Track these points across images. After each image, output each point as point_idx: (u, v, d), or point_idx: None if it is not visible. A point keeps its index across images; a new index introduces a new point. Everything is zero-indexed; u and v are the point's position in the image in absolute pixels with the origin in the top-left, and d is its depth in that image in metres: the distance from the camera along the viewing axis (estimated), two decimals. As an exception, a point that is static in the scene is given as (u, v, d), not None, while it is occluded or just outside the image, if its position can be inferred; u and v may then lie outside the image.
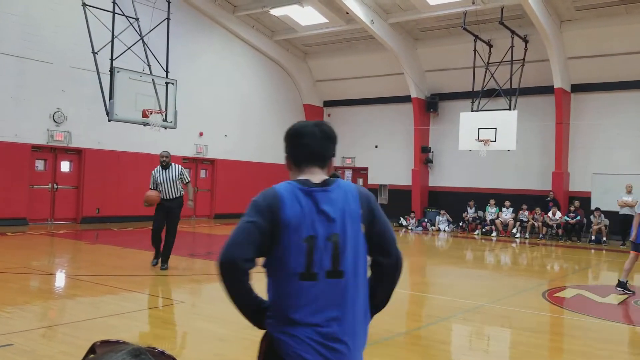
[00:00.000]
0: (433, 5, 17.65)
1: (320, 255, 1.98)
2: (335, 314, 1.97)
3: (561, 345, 6.01)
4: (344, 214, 2.02)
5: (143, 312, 6.57)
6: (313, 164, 2.15)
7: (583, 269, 12.05)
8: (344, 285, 2.00)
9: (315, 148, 2.16)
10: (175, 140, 17.65)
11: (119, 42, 13.48)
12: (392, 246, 2.13)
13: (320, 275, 1.98)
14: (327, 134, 2.21)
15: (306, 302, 1.96)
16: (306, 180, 2.07)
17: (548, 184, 18.47)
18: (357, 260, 2.04)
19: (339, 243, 2.00)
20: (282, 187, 2.06)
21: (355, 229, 2.04)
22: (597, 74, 17.82)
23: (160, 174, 8.90)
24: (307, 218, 1.99)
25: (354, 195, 2.07)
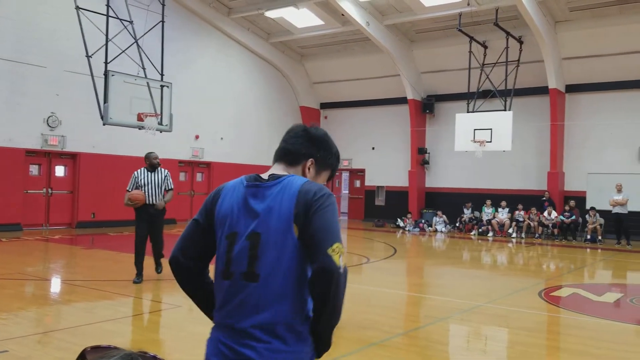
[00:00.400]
0: (428, 6, 17.69)
1: (238, 254, 1.86)
2: (250, 320, 1.80)
3: (558, 344, 6.02)
4: (271, 212, 1.85)
5: (139, 317, 6.55)
6: (280, 160, 2.06)
7: (579, 268, 12.07)
8: (259, 290, 1.81)
9: (287, 145, 2.06)
10: (171, 144, 17.61)
11: (114, 45, 13.44)
12: (319, 252, 1.78)
13: (236, 276, 1.85)
14: (309, 134, 2.07)
15: (224, 302, 1.87)
16: (257, 175, 1.97)
17: (543, 184, 18.51)
18: (281, 265, 1.81)
19: (258, 243, 1.83)
20: (232, 181, 2.02)
21: (283, 230, 1.82)
22: (591, 74, 17.89)
23: (145, 176, 8.25)
24: (235, 214, 1.90)
25: (291, 193, 1.86)
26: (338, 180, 24.80)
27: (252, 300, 1.82)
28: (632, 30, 16.54)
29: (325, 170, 2.09)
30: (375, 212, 22.33)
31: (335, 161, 2.12)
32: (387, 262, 11.83)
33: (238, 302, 1.84)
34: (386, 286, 8.89)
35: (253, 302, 1.81)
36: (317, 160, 2.05)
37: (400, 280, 10.24)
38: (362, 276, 10.34)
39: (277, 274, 1.81)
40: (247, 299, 1.82)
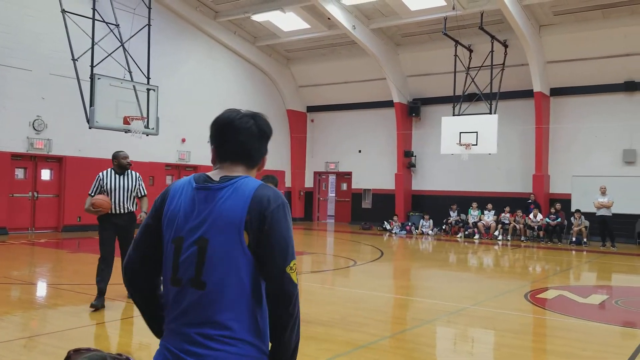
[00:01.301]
0: (414, 10, 17.82)
1: (185, 260, 1.76)
2: (196, 327, 1.72)
3: (544, 346, 6.08)
4: (220, 217, 1.74)
5: (126, 320, 6.51)
6: (240, 162, 1.88)
7: (564, 270, 12.20)
8: (207, 299, 1.72)
9: (248, 146, 1.89)
10: (158, 147, 17.54)
11: (100, 48, 13.37)
12: (277, 271, 1.73)
13: (184, 282, 1.75)
14: (264, 131, 1.93)
15: (172, 309, 1.79)
16: (206, 175, 1.84)
17: (529, 186, 18.70)
18: (229, 273, 1.72)
19: (205, 249, 1.73)
20: (180, 180, 1.91)
21: (231, 237, 1.72)
22: (575, 78, 18.13)
23: (112, 180, 7.04)
24: (181, 216, 1.79)
25: (244, 197, 1.75)
26: (325, 183, 24.83)
27: (198, 307, 1.72)
28: (615, 34, 16.80)
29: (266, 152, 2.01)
30: (362, 215, 22.40)
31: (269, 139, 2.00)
32: (374, 265, 11.87)
33: (185, 308, 1.75)
34: (373, 289, 8.93)
35: (200, 309, 1.72)
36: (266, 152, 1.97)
37: (387, 283, 10.28)
38: (349, 279, 10.38)
39: (225, 282, 1.72)
40: (194, 306, 1.73)
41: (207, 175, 1.85)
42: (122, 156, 7.16)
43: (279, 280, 1.73)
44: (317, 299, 7.50)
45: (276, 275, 1.73)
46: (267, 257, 1.73)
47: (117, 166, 7.15)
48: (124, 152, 7.25)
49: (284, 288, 1.73)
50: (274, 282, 1.74)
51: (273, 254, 1.73)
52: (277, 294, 1.74)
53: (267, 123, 1.96)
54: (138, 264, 1.91)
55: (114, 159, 7.18)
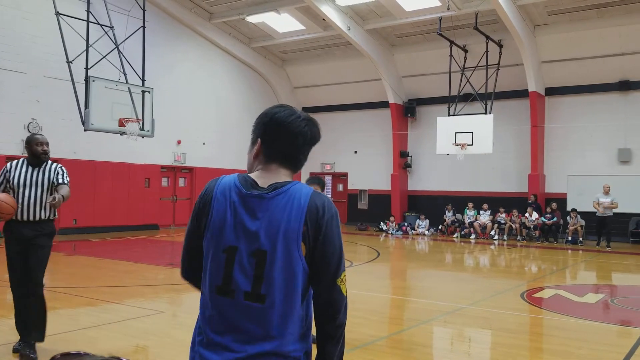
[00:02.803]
0: (409, 11, 17.85)
1: (239, 272, 1.70)
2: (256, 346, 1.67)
3: (540, 345, 6.10)
4: (278, 229, 1.68)
5: (123, 323, 6.48)
6: (286, 166, 1.83)
7: (560, 270, 12.24)
8: (265, 313, 1.67)
9: (300, 151, 1.83)
10: (153, 149, 17.52)
11: (94, 51, 13.34)
12: (328, 282, 1.72)
13: (237, 295, 1.69)
14: (315, 138, 1.86)
15: (218, 320, 1.72)
16: (253, 181, 1.77)
17: (524, 186, 18.74)
18: (288, 286, 1.69)
19: (264, 262, 1.68)
20: (222, 182, 1.80)
21: (289, 249, 1.68)
22: (570, 78, 18.19)
23: (24, 173, 5.12)
24: (232, 225, 1.72)
25: (300, 207, 1.70)
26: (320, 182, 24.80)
27: (255, 322, 1.68)
28: (609, 33, 16.87)
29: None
30: (358, 216, 22.41)
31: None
32: (370, 266, 11.88)
33: (236, 322, 1.69)
34: (370, 289, 8.93)
35: (256, 324, 1.68)
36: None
37: (383, 283, 10.29)
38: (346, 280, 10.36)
39: (284, 296, 1.68)
40: (249, 321, 1.68)
41: (253, 180, 1.78)
42: (36, 141, 5.09)
43: (330, 290, 1.73)
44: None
45: (328, 286, 1.72)
46: (321, 268, 1.72)
47: (31, 155, 5.12)
48: (41, 137, 5.20)
49: (334, 297, 1.73)
50: (325, 292, 1.73)
51: (327, 265, 1.72)
52: (327, 304, 1.73)
53: (319, 130, 1.90)
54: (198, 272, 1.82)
55: (26, 145, 5.17)
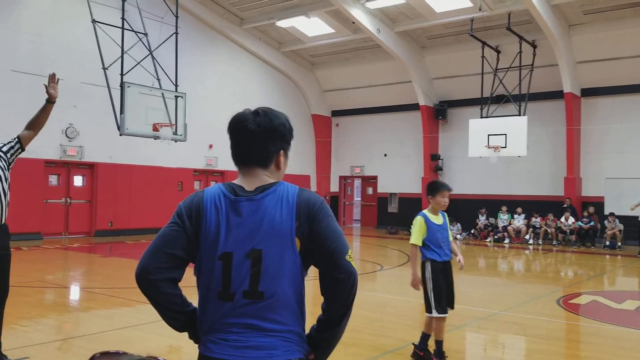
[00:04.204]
0: (440, 12, 17.71)
1: (236, 274, 1.77)
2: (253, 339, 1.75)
3: (577, 352, 5.95)
4: (271, 227, 1.77)
5: (157, 323, 6.59)
6: (250, 164, 1.88)
7: (598, 275, 11.92)
8: (263, 308, 1.76)
9: (251, 145, 1.87)
10: (186, 153, 17.80)
11: (129, 57, 13.63)
12: (339, 259, 1.79)
13: (237, 296, 1.76)
14: (264, 126, 1.86)
15: (221, 323, 1.78)
16: (238, 186, 1.84)
17: (560, 189, 18.33)
18: (285, 280, 1.78)
19: (260, 260, 1.76)
20: (209, 192, 1.85)
21: (284, 245, 1.77)
22: (607, 78, 17.74)
23: None
24: (224, 231, 1.78)
25: (289, 204, 1.79)
26: (350, 187, 24.80)
27: (254, 317, 1.76)
28: (647, 33, 16.41)
29: (289, 148, 1.97)
30: (388, 219, 22.28)
31: (292, 134, 1.96)
32: (401, 270, 11.79)
33: (242, 321, 1.77)
34: (401, 294, 8.86)
35: (256, 318, 1.76)
36: (285, 148, 1.94)
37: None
38: (376, 284, 10.33)
39: (282, 290, 1.77)
40: (249, 317, 1.76)
41: (238, 185, 1.84)
42: None
43: (343, 266, 1.79)
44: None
45: (339, 263, 1.78)
46: (325, 250, 1.78)
47: None
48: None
49: (350, 272, 1.80)
50: (339, 269, 1.78)
51: (331, 244, 1.78)
52: (345, 278, 1.79)
53: (275, 118, 1.89)
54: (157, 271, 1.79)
55: None
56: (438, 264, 5.01)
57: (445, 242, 5.11)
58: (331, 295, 1.82)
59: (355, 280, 1.81)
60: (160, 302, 1.85)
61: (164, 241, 1.82)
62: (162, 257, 1.80)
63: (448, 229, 5.21)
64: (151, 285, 1.81)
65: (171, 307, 1.86)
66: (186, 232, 1.81)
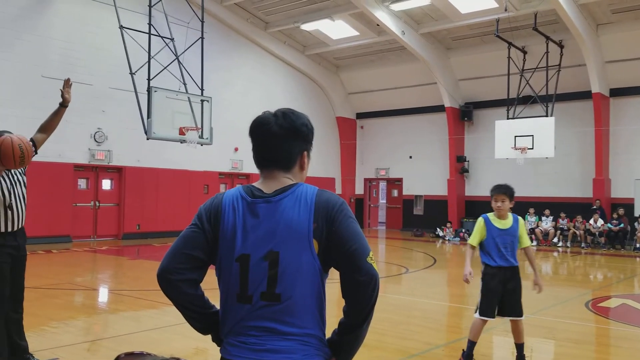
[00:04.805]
0: (465, 13, 17.56)
1: (255, 276, 1.76)
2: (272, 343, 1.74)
3: (607, 356, 5.83)
4: (288, 229, 1.75)
5: (184, 325, 6.67)
6: (271, 167, 1.88)
7: (628, 278, 11.65)
8: (281, 310, 1.75)
9: (271, 147, 1.87)
10: (212, 156, 17.98)
11: (156, 62, 13.85)
12: (361, 261, 1.77)
13: (255, 298, 1.76)
14: (287, 128, 1.86)
15: (242, 326, 1.78)
16: (256, 188, 1.84)
17: (589, 191, 17.98)
18: (303, 282, 1.76)
19: (277, 262, 1.74)
20: (228, 194, 1.86)
21: (302, 247, 1.75)
22: (636, 78, 17.35)
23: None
24: (242, 233, 1.78)
25: (307, 206, 1.77)
26: (375, 189, 24.72)
27: (272, 320, 1.75)
28: (679, 30, 16.00)
29: (311, 148, 1.96)
30: (413, 222, 22.14)
31: (313, 134, 1.95)
32: (426, 272, 11.71)
33: (261, 324, 1.76)
34: (426, 297, 8.81)
35: (274, 321, 1.75)
36: (307, 149, 1.93)
37: (440, 290, 10.12)
38: (401, 286, 10.27)
39: (300, 292, 1.76)
40: (268, 319, 1.75)
41: (257, 188, 1.84)
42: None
43: (365, 268, 1.76)
44: (369, 306, 7.47)
45: (361, 265, 1.75)
46: (346, 251, 1.75)
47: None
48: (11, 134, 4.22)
49: (372, 274, 1.77)
50: (360, 271, 1.75)
51: (352, 246, 1.76)
52: (366, 281, 1.76)
53: (297, 118, 1.88)
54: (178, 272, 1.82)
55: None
56: (492, 269, 4.89)
57: (508, 248, 4.92)
58: (352, 298, 1.80)
59: (376, 283, 1.79)
60: (181, 302, 1.87)
61: (184, 242, 1.84)
62: (181, 257, 1.82)
63: (517, 235, 4.96)
64: (171, 285, 1.83)
65: (192, 308, 1.88)
66: (205, 234, 1.83)
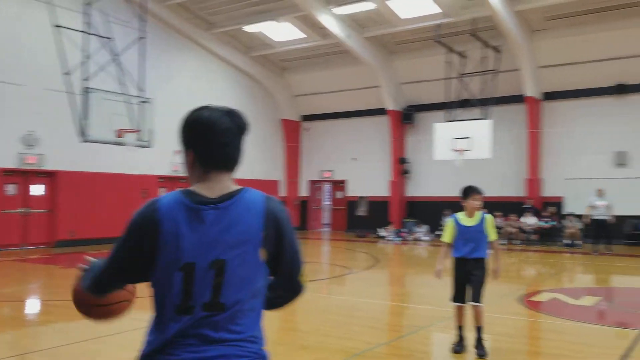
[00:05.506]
0: (407, 18, 17.93)
1: (198, 286, 1.66)
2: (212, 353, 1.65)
3: (538, 349, 6.09)
4: (236, 236, 1.68)
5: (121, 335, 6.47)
6: (221, 168, 1.78)
7: (558, 273, 12.22)
8: (224, 319, 1.67)
9: (228, 147, 1.78)
10: (151, 160, 17.52)
11: (93, 62, 13.40)
12: (292, 280, 1.83)
13: (196, 309, 1.66)
14: (240, 127, 1.81)
15: (180, 337, 1.65)
16: (198, 193, 1.73)
17: (522, 190, 18.74)
18: (248, 290, 1.70)
19: (223, 270, 1.66)
20: (165, 200, 1.73)
21: (249, 255, 1.69)
22: (567, 82, 18.23)
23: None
24: (185, 242, 1.66)
25: (257, 212, 1.71)
26: (320, 191, 24.83)
27: (214, 330, 1.66)
28: (607, 37, 16.93)
29: None
30: (357, 223, 22.38)
31: None
32: (369, 273, 11.86)
33: (201, 335, 1.65)
34: (369, 297, 8.91)
35: (218, 332, 1.66)
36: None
37: (382, 290, 10.27)
38: (344, 287, 10.36)
39: (244, 300, 1.69)
40: (208, 329, 1.66)
41: (199, 192, 1.73)
42: None
43: (294, 287, 1.88)
44: (312, 308, 7.48)
45: (291, 283, 1.86)
46: (283, 269, 1.82)
47: None
48: None
49: (299, 290, 1.90)
50: (289, 289, 1.88)
51: (289, 265, 1.82)
52: (290, 296, 1.91)
53: (244, 117, 1.86)
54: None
55: None
56: (458, 260, 5.54)
57: (474, 242, 5.51)
58: (273, 300, 1.88)
59: (297, 297, 1.91)
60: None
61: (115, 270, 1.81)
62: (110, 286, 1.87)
63: (484, 230, 5.57)
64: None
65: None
66: (139, 248, 1.71)
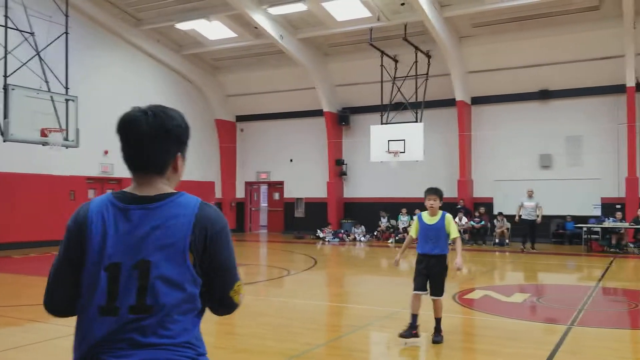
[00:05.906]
0: (340, 21, 18.10)
1: (123, 287, 1.63)
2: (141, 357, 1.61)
3: (472, 345, 6.29)
4: (163, 238, 1.65)
5: (47, 342, 6.13)
6: (143, 170, 1.74)
7: (489, 271, 12.72)
8: (153, 322, 1.63)
9: (142, 149, 1.72)
10: (79, 160, 16.78)
11: (14, 58, 12.68)
12: (222, 294, 1.76)
13: (122, 311, 1.62)
14: (158, 128, 1.72)
15: (103, 340, 1.62)
16: (130, 193, 1.72)
17: (454, 191, 19.38)
18: (176, 293, 1.65)
19: (148, 272, 1.63)
20: (95, 202, 1.73)
21: (175, 257, 1.65)
22: (494, 87, 19.03)
23: None
24: (111, 241, 1.65)
25: (187, 217, 1.67)
26: (256, 193, 24.65)
27: (141, 333, 1.62)
28: (530, 45, 17.80)
29: (186, 149, 1.85)
30: (295, 224, 22.39)
31: (188, 134, 1.84)
32: (307, 274, 11.87)
33: (130, 339, 1.61)
34: (307, 298, 8.92)
35: (145, 336, 1.62)
36: (182, 150, 1.81)
37: (321, 291, 10.31)
38: (282, 289, 10.32)
39: (172, 304, 1.65)
40: (137, 334, 1.62)
41: (130, 193, 1.72)
42: None
43: (223, 302, 1.79)
44: (250, 311, 7.39)
45: (219, 298, 1.77)
46: (213, 279, 1.74)
47: None
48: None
49: (228, 307, 1.82)
50: (219, 304, 1.80)
51: (216, 278, 1.74)
52: (220, 313, 1.85)
53: (169, 118, 1.75)
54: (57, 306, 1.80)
55: None
56: (419, 255, 6.02)
57: (433, 239, 5.90)
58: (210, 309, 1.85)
59: (231, 312, 1.86)
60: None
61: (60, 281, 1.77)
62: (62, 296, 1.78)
63: (443, 229, 5.92)
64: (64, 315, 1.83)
65: None
66: (76, 254, 1.70)
